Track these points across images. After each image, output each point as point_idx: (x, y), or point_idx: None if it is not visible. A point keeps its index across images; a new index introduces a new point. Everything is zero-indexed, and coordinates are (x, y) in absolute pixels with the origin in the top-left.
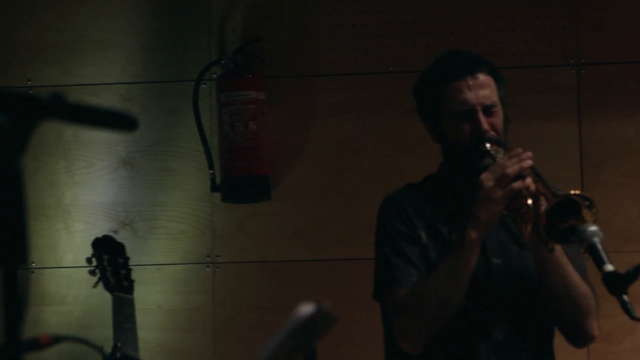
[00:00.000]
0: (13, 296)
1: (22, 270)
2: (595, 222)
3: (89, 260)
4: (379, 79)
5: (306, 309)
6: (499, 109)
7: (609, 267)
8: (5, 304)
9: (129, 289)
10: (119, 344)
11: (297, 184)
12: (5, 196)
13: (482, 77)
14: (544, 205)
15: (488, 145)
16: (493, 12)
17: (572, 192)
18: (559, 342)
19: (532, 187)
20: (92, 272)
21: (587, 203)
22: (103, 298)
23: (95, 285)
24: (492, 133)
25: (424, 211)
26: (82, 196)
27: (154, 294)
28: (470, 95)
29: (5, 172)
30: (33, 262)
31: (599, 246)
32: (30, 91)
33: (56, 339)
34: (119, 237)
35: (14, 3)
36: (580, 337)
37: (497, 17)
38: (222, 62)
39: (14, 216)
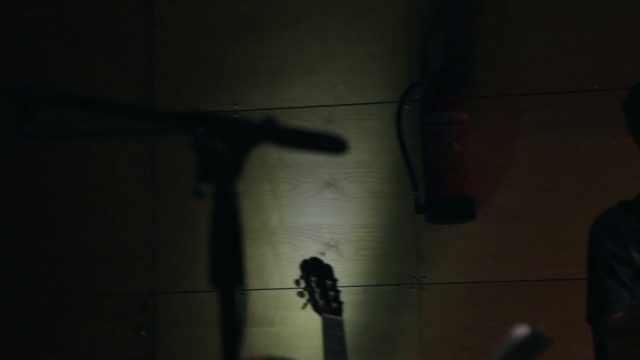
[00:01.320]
0: (230, 318)
1: (238, 292)
2: None
3: (297, 282)
4: (584, 98)
5: (521, 331)
6: None
7: None
8: (222, 326)
9: (338, 310)
10: None
11: (501, 204)
12: (222, 220)
13: None
14: None
15: None
16: None
17: None
18: None
19: None
20: (300, 294)
21: None
22: (310, 320)
23: (303, 307)
24: None
25: (637, 230)
26: (288, 218)
27: (361, 315)
28: None
29: (222, 196)
30: None
31: None
32: (236, 115)
33: None
34: (325, 259)
35: (221, 30)
36: None
37: None
38: (425, 83)
39: (230, 239)
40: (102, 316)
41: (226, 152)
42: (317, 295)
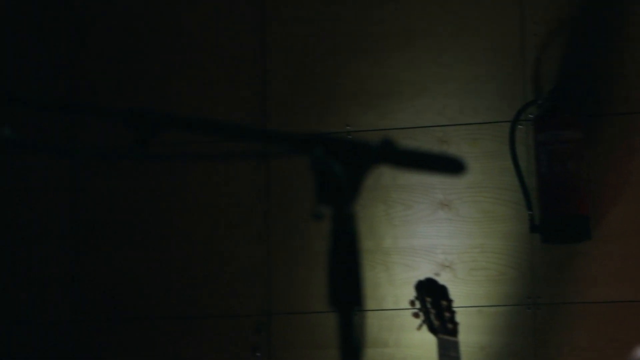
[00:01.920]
0: (349, 339)
1: (356, 314)
2: None
3: (412, 302)
4: None
5: None
6: None
7: None
8: (341, 347)
9: (454, 331)
10: None
11: (617, 223)
12: (340, 242)
13: None
14: None
15: None
16: None
17: None
18: None
19: None
20: (415, 315)
21: None
22: (425, 341)
23: (419, 328)
24: None
25: None
26: (401, 239)
27: (476, 336)
28: None
29: (339, 218)
30: None
31: None
32: (350, 136)
33: None
34: (440, 280)
35: (334, 52)
36: None
37: None
38: (539, 102)
39: (348, 261)
40: (218, 337)
41: (344, 173)
42: (432, 316)
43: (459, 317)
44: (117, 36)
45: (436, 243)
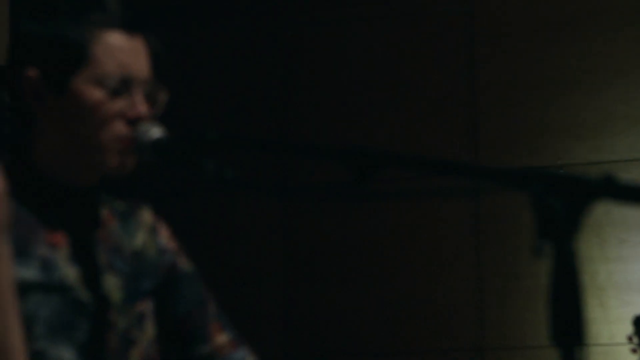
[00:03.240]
0: None
1: (579, 350)
2: None
3: (629, 338)
4: None
5: None
6: None
7: None
8: None
9: None
10: None
11: None
12: (561, 278)
13: None
14: None
15: None
16: None
17: None
18: None
19: None
20: (634, 350)
21: None
22: None
23: None
24: None
25: None
26: (616, 274)
27: None
28: None
29: (560, 254)
30: None
31: None
32: (561, 170)
33: None
34: None
35: (543, 85)
36: None
37: None
38: None
39: (570, 297)
40: None
41: (564, 209)
42: None
43: None
44: (327, 75)
45: None
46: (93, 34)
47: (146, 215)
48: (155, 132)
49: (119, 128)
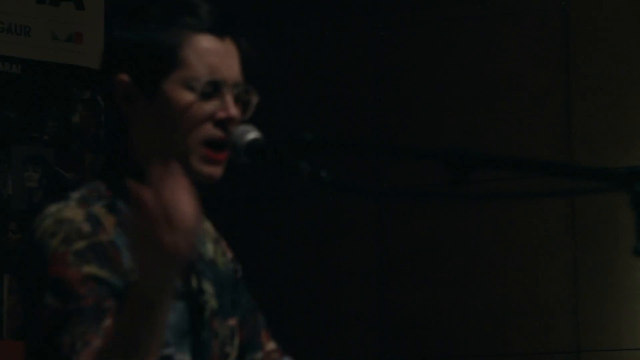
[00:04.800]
0: None
1: None
2: None
3: None
4: None
5: None
6: None
7: None
8: None
9: None
10: None
11: None
12: None
13: None
14: None
15: None
16: None
17: None
18: None
19: None
20: None
21: None
22: None
23: None
24: None
25: None
26: None
27: None
28: None
29: None
30: None
31: None
32: None
33: None
34: None
35: (638, 81)
36: None
37: None
38: None
39: None
40: None
41: None
42: None
43: None
44: (420, 75)
45: None
46: (183, 38)
47: (208, 225)
48: (250, 134)
49: (209, 130)
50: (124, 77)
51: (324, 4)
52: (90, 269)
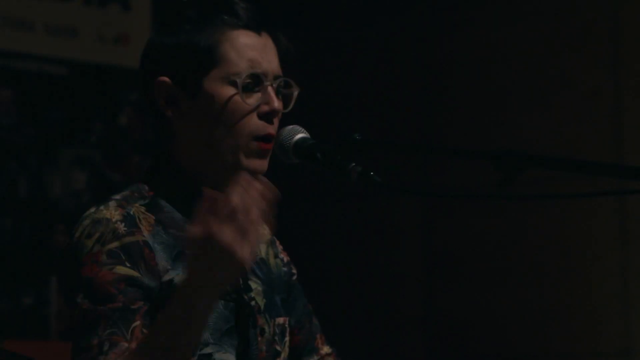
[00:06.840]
0: None
1: None
2: None
3: None
4: None
5: None
6: None
7: None
8: None
9: None
10: None
11: None
12: None
13: None
14: None
15: None
16: None
17: None
18: None
19: None
20: None
21: None
22: None
23: None
24: None
25: None
26: None
27: None
28: None
29: None
30: None
31: None
32: None
33: None
34: None
35: None
36: None
37: None
38: None
39: None
40: None
41: None
42: None
43: None
44: (471, 76)
45: None
46: (221, 35)
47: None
48: (298, 134)
49: (255, 123)
50: (165, 80)
51: (373, 5)
52: (122, 269)
